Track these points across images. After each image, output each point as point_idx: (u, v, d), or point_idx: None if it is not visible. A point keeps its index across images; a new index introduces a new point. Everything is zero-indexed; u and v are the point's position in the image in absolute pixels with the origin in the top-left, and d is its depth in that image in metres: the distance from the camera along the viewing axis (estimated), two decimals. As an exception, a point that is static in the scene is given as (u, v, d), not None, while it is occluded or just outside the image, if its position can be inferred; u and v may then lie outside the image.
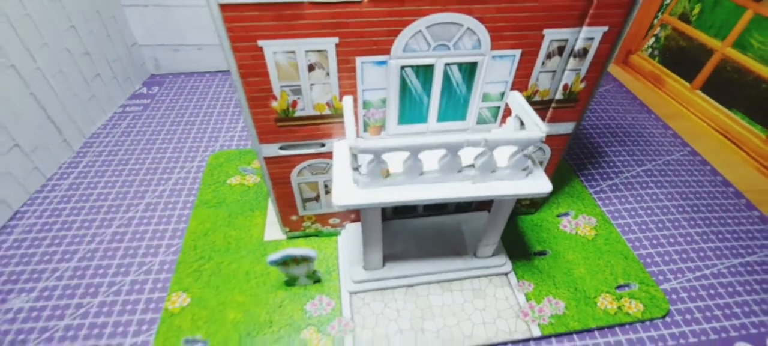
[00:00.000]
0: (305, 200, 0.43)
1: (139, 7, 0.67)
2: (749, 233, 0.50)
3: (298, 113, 0.35)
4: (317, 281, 0.43)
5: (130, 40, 0.70)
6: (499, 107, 0.37)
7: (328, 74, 0.33)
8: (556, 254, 0.46)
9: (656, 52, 0.76)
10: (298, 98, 0.34)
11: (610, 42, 0.35)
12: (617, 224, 0.51)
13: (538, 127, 0.32)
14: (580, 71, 0.36)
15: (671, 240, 0.49)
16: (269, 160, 0.38)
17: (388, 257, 0.44)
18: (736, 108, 0.64)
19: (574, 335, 0.40)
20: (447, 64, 0.34)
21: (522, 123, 0.36)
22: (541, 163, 0.44)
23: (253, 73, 0.32)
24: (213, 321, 0.39)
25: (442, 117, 0.37)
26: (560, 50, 0.35)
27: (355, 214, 0.46)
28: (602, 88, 0.76)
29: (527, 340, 0.39)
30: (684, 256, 0.47)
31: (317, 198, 0.43)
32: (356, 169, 0.33)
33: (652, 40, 0.77)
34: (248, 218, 0.49)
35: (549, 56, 0.35)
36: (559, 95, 0.38)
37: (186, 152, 0.59)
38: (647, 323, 0.41)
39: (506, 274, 0.44)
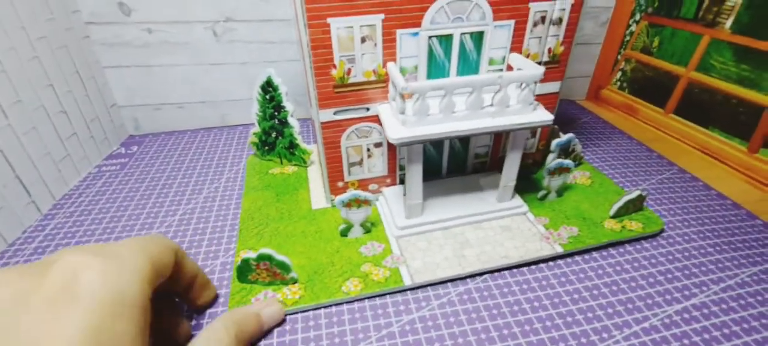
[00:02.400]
0: (351, 165, 0.51)
1: (120, 68, 0.67)
2: (759, 241, 0.49)
3: (351, 80, 0.44)
4: (368, 231, 0.49)
5: (110, 101, 0.69)
6: (502, 69, 0.48)
7: (375, 45, 0.42)
8: (562, 197, 0.54)
9: (625, 85, 0.81)
10: (352, 66, 0.43)
11: (577, 10, 0.46)
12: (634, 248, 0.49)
13: (536, 68, 0.42)
14: (558, 36, 0.47)
15: (686, 255, 0.47)
16: (325, 125, 0.47)
17: (425, 206, 0.50)
18: (712, 126, 0.66)
19: (592, 252, 0.47)
20: (462, 34, 0.44)
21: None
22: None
23: (321, 45, 0.41)
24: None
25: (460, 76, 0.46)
26: (543, 19, 0.45)
27: (391, 178, 0.54)
28: (581, 121, 0.79)
29: (554, 258, 0.46)
30: (703, 269, 0.45)
31: (361, 162, 0.51)
32: (403, 112, 0.41)
33: (619, 73, 0.82)
34: (294, 195, 0.56)
35: (535, 25, 0.45)
36: (545, 58, 0.48)
37: (167, 206, 0.55)
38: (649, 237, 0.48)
39: (524, 213, 0.51)
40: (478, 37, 0.44)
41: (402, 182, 0.54)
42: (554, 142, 0.53)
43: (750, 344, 0.37)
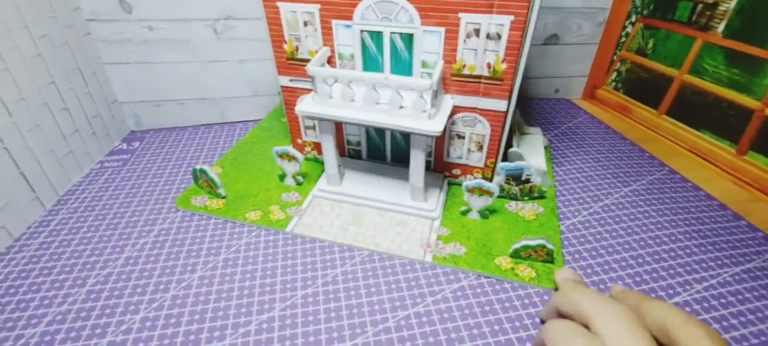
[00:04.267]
0: (306, 128, 0.60)
1: (121, 64, 0.68)
2: (743, 242, 0.51)
3: (299, 56, 0.52)
4: (299, 183, 0.58)
5: (111, 97, 0.69)
6: (433, 72, 0.48)
7: (315, 30, 0.49)
8: (485, 219, 0.53)
9: (620, 85, 0.82)
10: (299, 45, 0.51)
11: (519, 29, 0.43)
12: (617, 242, 0.50)
13: (428, 80, 0.43)
14: (499, 52, 0.45)
15: (672, 254, 0.49)
16: (284, 89, 0.56)
17: (351, 179, 0.57)
18: (703, 128, 0.68)
19: (459, 270, 0.46)
20: (391, 33, 0.47)
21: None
22: (482, 136, 0.53)
23: (274, 23, 0.50)
24: (228, 184, 0.58)
25: (393, 73, 0.50)
26: (477, 32, 0.44)
27: (341, 148, 0.60)
28: (576, 120, 0.80)
29: (418, 262, 0.47)
30: (688, 268, 0.47)
31: (313, 127, 0.60)
32: (315, 89, 0.47)
33: (615, 74, 0.83)
34: (278, 141, 0.68)
35: (468, 36, 0.45)
36: (485, 72, 0.47)
37: (170, 203, 0.56)
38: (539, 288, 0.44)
39: (432, 219, 0.52)
40: (408, 39, 0.47)
41: (349, 154, 0.62)
42: (501, 165, 0.53)
43: (729, 341, 0.39)
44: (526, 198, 0.55)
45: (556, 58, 0.85)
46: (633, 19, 0.77)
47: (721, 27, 0.63)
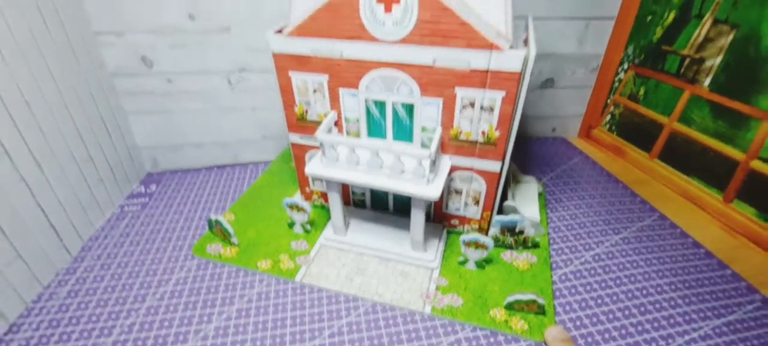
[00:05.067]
0: (313, 179, 0.65)
1: (141, 114, 0.72)
2: (726, 293, 0.54)
3: (308, 118, 0.56)
4: (307, 232, 0.62)
5: (132, 144, 0.74)
6: (432, 137, 0.52)
7: (324, 97, 0.54)
8: (482, 269, 0.56)
9: (614, 127, 0.86)
10: (308, 109, 0.55)
11: (510, 103, 0.47)
12: (606, 293, 0.53)
13: (427, 150, 0.47)
14: (492, 122, 0.49)
15: (657, 306, 0.52)
16: (294, 145, 0.61)
17: (356, 228, 0.61)
18: (693, 174, 0.71)
19: (456, 323, 0.49)
20: (394, 103, 0.51)
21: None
22: (478, 192, 0.56)
23: (286, 90, 0.55)
24: (240, 231, 0.61)
25: (396, 138, 0.55)
26: (472, 105, 0.48)
27: (347, 200, 0.65)
28: (571, 162, 0.83)
29: (418, 312, 0.50)
30: (671, 321, 0.50)
31: (321, 179, 0.60)
32: (323, 153, 0.52)
33: (609, 116, 0.86)
34: (288, 187, 0.73)
35: (464, 107, 0.49)
36: (480, 139, 0.51)
37: (186, 250, 0.60)
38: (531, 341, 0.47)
39: (431, 269, 0.55)
40: (409, 108, 0.51)
41: (354, 204, 0.66)
42: (496, 218, 0.56)
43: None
44: (520, 248, 0.59)
45: (553, 100, 0.88)
46: (625, 66, 0.80)
47: (707, 81, 0.67)
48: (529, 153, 0.87)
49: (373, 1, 0.45)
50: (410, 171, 0.49)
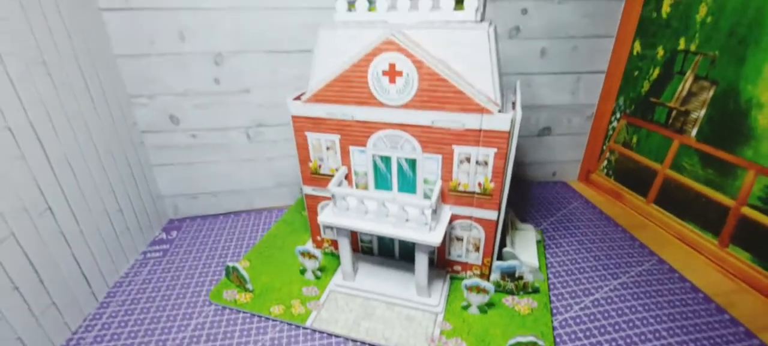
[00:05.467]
0: (325, 227, 0.69)
1: (166, 166, 0.78)
2: (724, 338, 0.55)
3: (321, 172, 0.61)
4: (318, 278, 0.65)
5: (156, 193, 0.80)
6: (433, 189, 0.56)
7: (335, 153, 0.59)
8: (484, 314, 0.58)
9: (611, 172, 0.89)
10: (321, 164, 0.61)
11: (502, 158, 0.52)
12: (604, 339, 0.55)
13: (428, 200, 0.51)
14: (487, 175, 0.53)
15: (656, 351, 0.53)
16: (308, 196, 0.65)
17: (364, 274, 0.64)
18: (688, 219, 0.74)
19: None
20: (398, 158, 0.57)
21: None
22: (478, 239, 0.60)
23: (302, 147, 0.60)
24: (255, 277, 0.65)
25: (400, 189, 0.60)
26: (468, 160, 0.53)
27: (355, 246, 0.68)
28: (571, 206, 0.87)
29: None
30: (670, 367, 0.51)
31: (331, 228, 0.67)
32: (334, 203, 0.56)
33: (606, 162, 0.90)
34: (300, 236, 0.77)
35: (461, 162, 0.54)
36: (477, 189, 0.55)
37: (204, 296, 0.64)
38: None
39: (436, 313, 0.58)
40: (412, 163, 0.56)
41: (362, 251, 0.69)
42: (496, 264, 0.59)
43: None
44: (521, 293, 0.61)
45: (551, 146, 0.93)
46: (618, 115, 0.85)
47: (694, 132, 0.71)
48: (530, 197, 0.91)
49: (380, 74, 0.51)
50: (414, 219, 0.53)
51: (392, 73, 0.50)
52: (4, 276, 0.48)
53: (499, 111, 0.49)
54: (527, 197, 0.91)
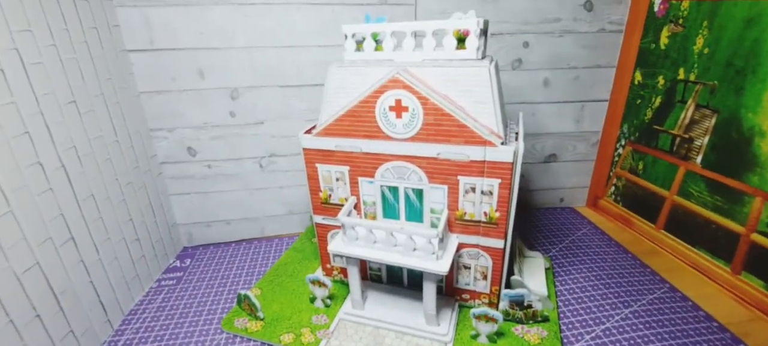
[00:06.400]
0: (334, 255, 0.70)
1: (182, 195, 0.81)
2: (741, 370, 0.54)
3: (331, 201, 0.63)
4: (327, 306, 0.66)
5: (171, 222, 0.82)
6: (440, 218, 0.57)
7: (345, 183, 0.61)
8: (494, 343, 0.58)
9: (619, 198, 0.89)
10: (331, 193, 0.63)
11: (506, 188, 0.53)
12: (617, 370, 0.54)
13: (435, 230, 0.52)
14: (492, 204, 0.55)
15: (670, 383, 0.52)
16: (318, 225, 0.67)
17: (373, 302, 0.65)
18: (699, 245, 0.73)
19: None
20: (405, 188, 0.58)
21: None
22: (485, 267, 0.61)
23: (313, 178, 0.62)
24: (266, 305, 0.67)
25: (408, 218, 0.61)
26: (474, 189, 0.54)
27: (364, 274, 0.70)
28: (579, 232, 0.87)
29: None
30: (685, 399, 0.50)
31: (341, 256, 0.65)
32: (344, 233, 0.58)
33: (613, 188, 0.91)
34: (311, 263, 0.79)
35: (467, 192, 0.55)
36: (482, 219, 0.56)
37: (216, 324, 0.65)
38: None
39: (445, 343, 0.58)
40: (419, 192, 0.58)
41: (371, 278, 0.70)
42: (504, 292, 0.60)
43: None
44: (530, 322, 0.61)
45: (558, 173, 0.94)
46: (623, 142, 0.86)
47: (698, 159, 0.71)
48: (538, 224, 0.91)
49: (387, 109, 0.53)
50: (421, 248, 0.54)
51: (398, 109, 0.53)
52: (28, 304, 0.50)
53: (502, 143, 0.51)
54: (534, 223, 0.91)
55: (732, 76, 0.65)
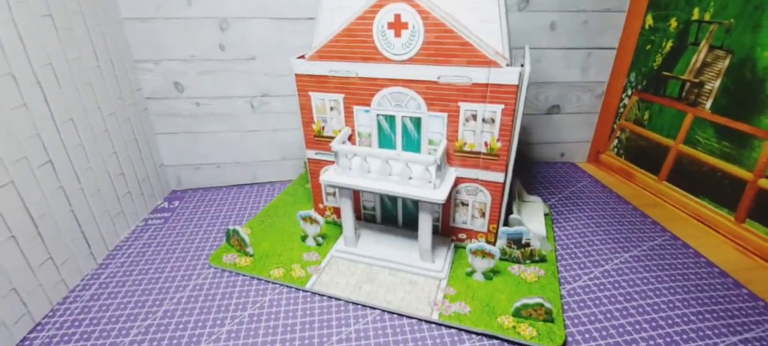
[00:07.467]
0: (327, 194, 0.68)
1: (170, 134, 0.78)
2: (743, 311, 0.53)
3: (324, 134, 0.60)
4: (319, 244, 0.64)
5: (159, 162, 0.79)
6: (438, 149, 0.54)
7: (339, 113, 0.58)
8: (489, 280, 0.57)
9: (621, 151, 0.87)
10: (325, 125, 0.59)
11: (509, 115, 0.50)
12: (615, 308, 0.53)
13: (432, 156, 0.50)
14: (493, 133, 0.52)
15: (669, 322, 0.51)
16: (310, 161, 0.64)
17: (366, 241, 0.63)
18: (703, 195, 0.71)
19: (462, 332, 0.50)
20: (403, 117, 0.56)
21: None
22: (484, 204, 0.58)
23: (305, 108, 0.59)
24: (255, 243, 0.64)
25: (405, 150, 0.58)
26: (475, 117, 0.52)
27: (358, 213, 0.67)
28: (579, 184, 0.84)
29: (426, 320, 0.51)
30: (684, 336, 0.49)
31: (334, 194, 0.67)
32: (337, 162, 0.56)
33: (616, 141, 0.88)
34: (303, 204, 0.76)
35: (467, 120, 0.52)
36: (483, 149, 0.54)
37: (204, 259, 0.63)
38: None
39: (439, 279, 0.57)
40: (417, 122, 0.55)
41: (365, 218, 0.67)
42: (501, 229, 0.58)
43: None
44: (527, 261, 0.59)
45: (560, 126, 0.91)
46: (629, 92, 0.83)
47: (708, 104, 0.68)
48: (537, 176, 0.89)
49: (385, 27, 0.50)
50: (418, 177, 0.52)
51: (397, 26, 0.49)
52: (2, 223, 0.47)
53: (508, 65, 0.48)
54: (533, 175, 0.89)
55: (750, 12, 0.61)
